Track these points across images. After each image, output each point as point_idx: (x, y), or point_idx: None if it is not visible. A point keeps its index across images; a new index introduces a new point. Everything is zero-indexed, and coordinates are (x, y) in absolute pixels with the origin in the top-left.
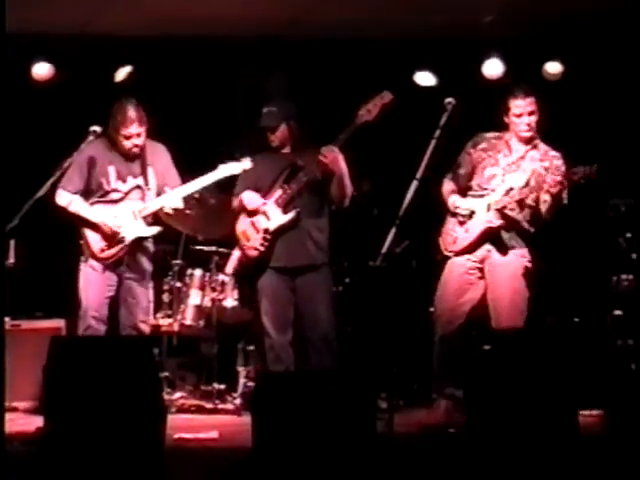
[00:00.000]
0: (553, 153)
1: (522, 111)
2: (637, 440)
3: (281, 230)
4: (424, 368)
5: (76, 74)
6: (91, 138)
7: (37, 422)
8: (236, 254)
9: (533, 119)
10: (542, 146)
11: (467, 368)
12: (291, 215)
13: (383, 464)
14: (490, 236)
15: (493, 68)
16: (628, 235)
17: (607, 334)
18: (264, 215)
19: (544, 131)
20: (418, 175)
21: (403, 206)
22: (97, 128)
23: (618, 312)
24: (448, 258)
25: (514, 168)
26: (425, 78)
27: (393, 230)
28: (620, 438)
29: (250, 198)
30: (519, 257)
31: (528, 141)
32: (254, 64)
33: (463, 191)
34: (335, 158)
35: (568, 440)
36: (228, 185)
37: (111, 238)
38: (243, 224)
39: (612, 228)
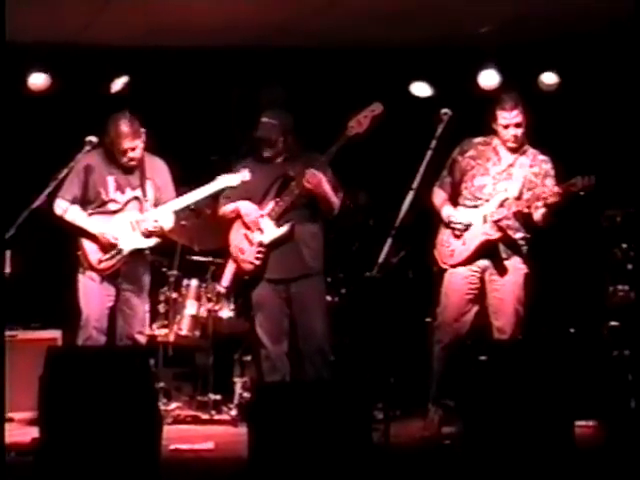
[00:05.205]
0: (542, 157)
1: (509, 122)
2: (634, 451)
3: (275, 243)
4: (420, 378)
5: (72, 84)
6: (87, 148)
7: (33, 433)
8: (231, 267)
9: (520, 131)
10: (531, 151)
11: (463, 378)
12: (285, 229)
13: (379, 475)
14: (488, 248)
15: (489, 79)
16: (624, 246)
17: (603, 345)
18: (258, 228)
19: (537, 138)
20: (414, 185)
21: (399, 217)
22: (93, 138)
23: (614, 323)
24: (445, 270)
25: (504, 176)
26: (421, 88)
27: (389, 241)
28: (616, 449)
29: (248, 209)
30: (518, 264)
31: (516, 149)
32: (249, 74)
33: (452, 198)
34: (319, 182)
35: (564, 451)
36: None
37: (109, 249)
38: (237, 236)
39: (608, 239)
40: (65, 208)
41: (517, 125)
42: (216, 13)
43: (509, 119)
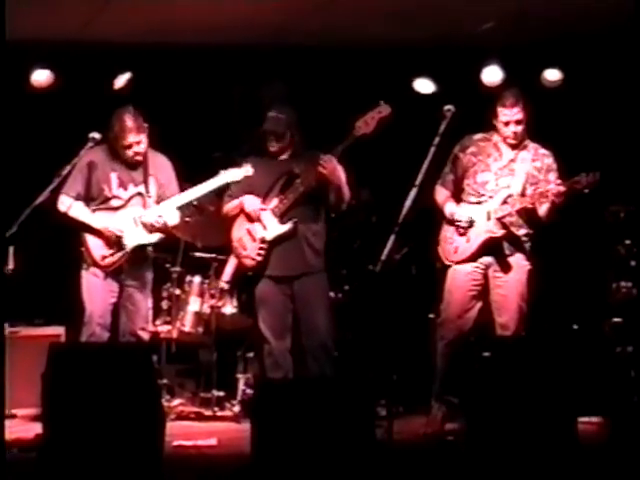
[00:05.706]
0: (543, 151)
1: (509, 119)
2: (637, 447)
3: (278, 240)
4: (423, 375)
5: (75, 81)
6: (90, 144)
7: (36, 429)
8: (232, 262)
9: (520, 128)
10: (532, 145)
11: (466, 375)
12: (288, 226)
13: (382, 471)
14: (491, 245)
15: (492, 75)
16: (627, 242)
17: (606, 341)
18: (260, 224)
19: (540, 135)
20: (417, 182)
21: (402, 213)
22: (96, 135)
23: (617, 319)
24: (449, 266)
25: (506, 172)
26: (424, 85)
27: (392, 237)
28: (620, 445)
29: (251, 201)
30: (521, 261)
31: (516, 145)
32: (251, 71)
33: (455, 195)
34: (334, 168)
35: (567, 447)
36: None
37: (113, 245)
38: (239, 232)
39: (611, 235)
40: (69, 204)
41: (517, 122)
42: (217, 11)
43: (510, 116)
